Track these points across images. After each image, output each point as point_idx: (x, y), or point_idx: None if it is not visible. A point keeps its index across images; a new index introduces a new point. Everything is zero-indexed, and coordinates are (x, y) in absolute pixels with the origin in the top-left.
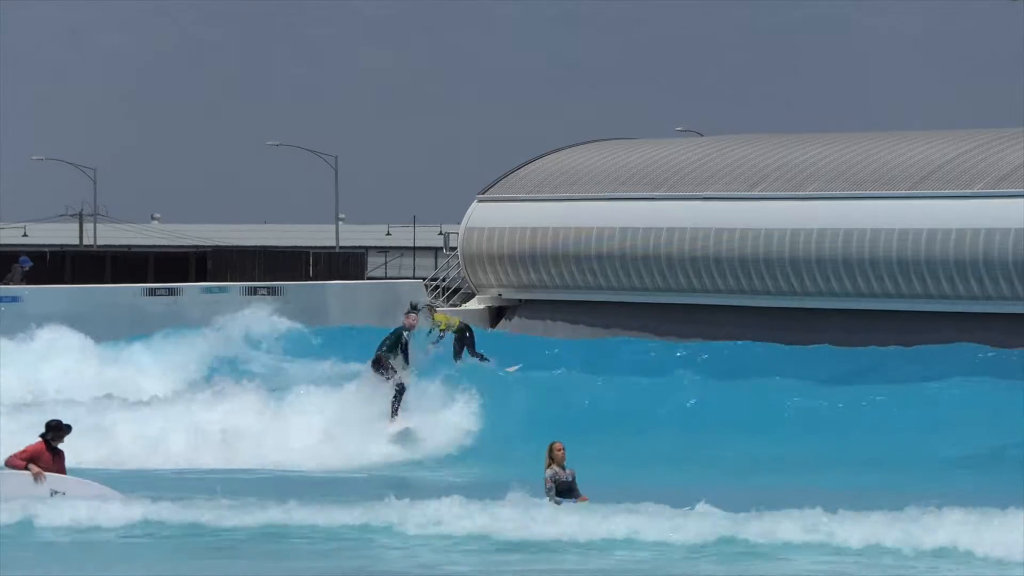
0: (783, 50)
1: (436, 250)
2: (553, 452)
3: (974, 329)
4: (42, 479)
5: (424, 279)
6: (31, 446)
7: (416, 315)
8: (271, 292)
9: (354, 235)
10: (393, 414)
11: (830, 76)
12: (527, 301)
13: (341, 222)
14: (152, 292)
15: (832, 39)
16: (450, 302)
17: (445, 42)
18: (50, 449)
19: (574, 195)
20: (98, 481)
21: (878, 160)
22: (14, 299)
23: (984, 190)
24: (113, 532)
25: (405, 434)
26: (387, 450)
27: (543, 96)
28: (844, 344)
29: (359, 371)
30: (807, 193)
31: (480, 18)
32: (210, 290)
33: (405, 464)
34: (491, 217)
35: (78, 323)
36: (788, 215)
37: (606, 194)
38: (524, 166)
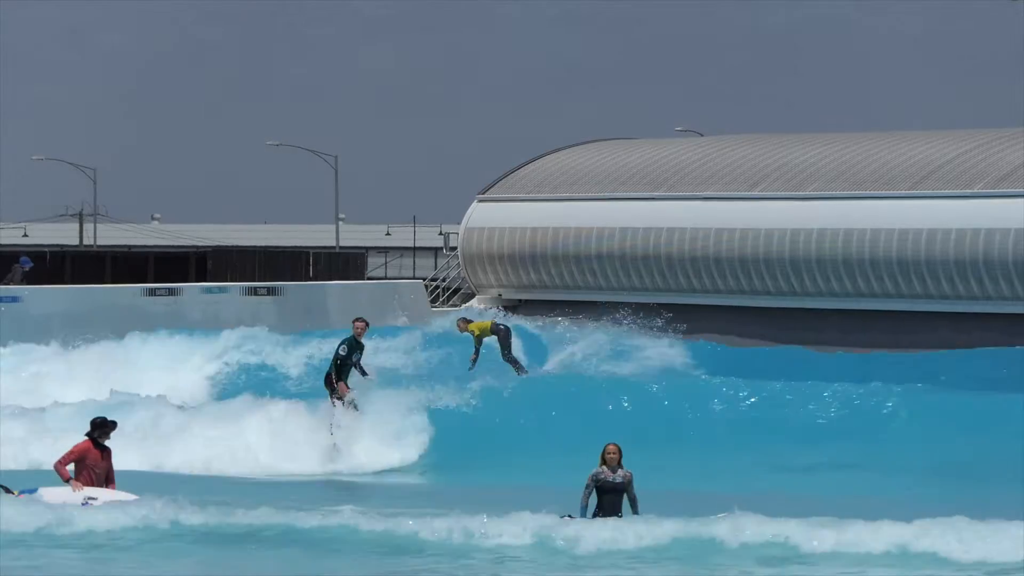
0: (783, 50)
1: (436, 250)
2: (605, 453)
3: (973, 329)
4: (79, 489)
5: (424, 279)
6: (78, 445)
7: (365, 323)
8: (271, 292)
9: (354, 235)
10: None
11: (830, 76)
12: (527, 301)
13: (341, 222)
14: (152, 292)
15: (832, 39)
16: (450, 302)
17: (445, 42)
18: (97, 447)
19: (574, 195)
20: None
21: (878, 160)
22: (14, 299)
23: (984, 190)
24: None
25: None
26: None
27: (543, 96)
28: (843, 343)
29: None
30: (807, 193)
31: (480, 18)
32: (210, 290)
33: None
34: (491, 217)
35: (81, 323)
36: (788, 215)
37: (606, 194)
38: (524, 166)
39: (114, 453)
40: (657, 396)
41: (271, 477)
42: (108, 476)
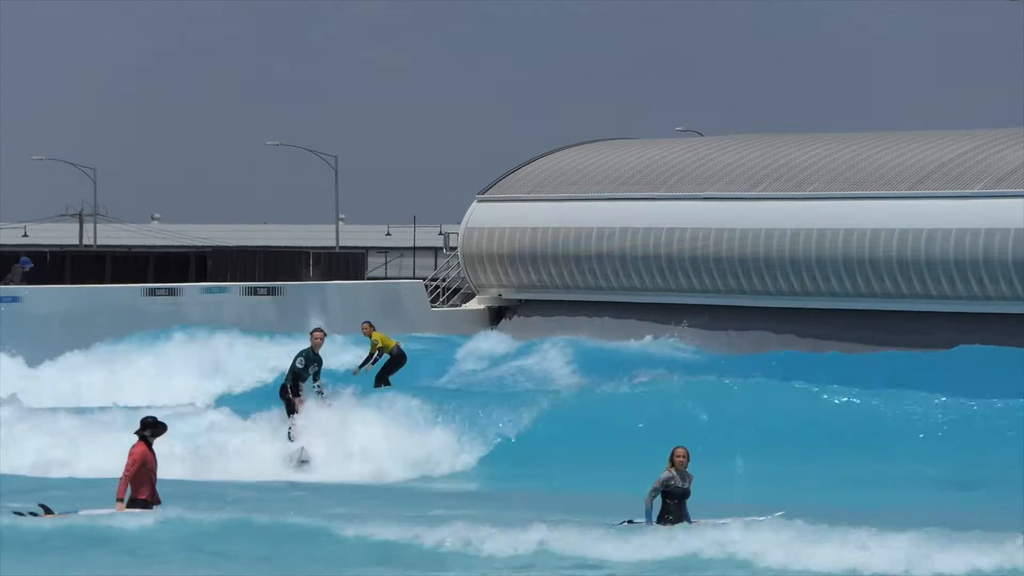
0: (783, 50)
1: (436, 250)
2: (674, 456)
3: (973, 330)
4: (120, 510)
5: (424, 279)
6: (136, 450)
7: (323, 334)
8: (271, 292)
9: (354, 235)
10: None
11: (830, 76)
12: (527, 301)
13: (341, 222)
14: (152, 292)
15: (832, 39)
16: (450, 302)
17: (445, 42)
18: (150, 449)
19: (574, 195)
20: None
21: (878, 160)
22: (14, 299)
23: (984, 190)
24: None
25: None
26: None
27: (543, 96)
28: (842, 342)
29: None
30: (807, 193)
31: (480, 18)
32: (210, 290)
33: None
34: (491, 217)
35: (80, 323)
36: (788, 215)
37: (606, 194)
38: (524, 166)
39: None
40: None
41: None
42: (154, 480)
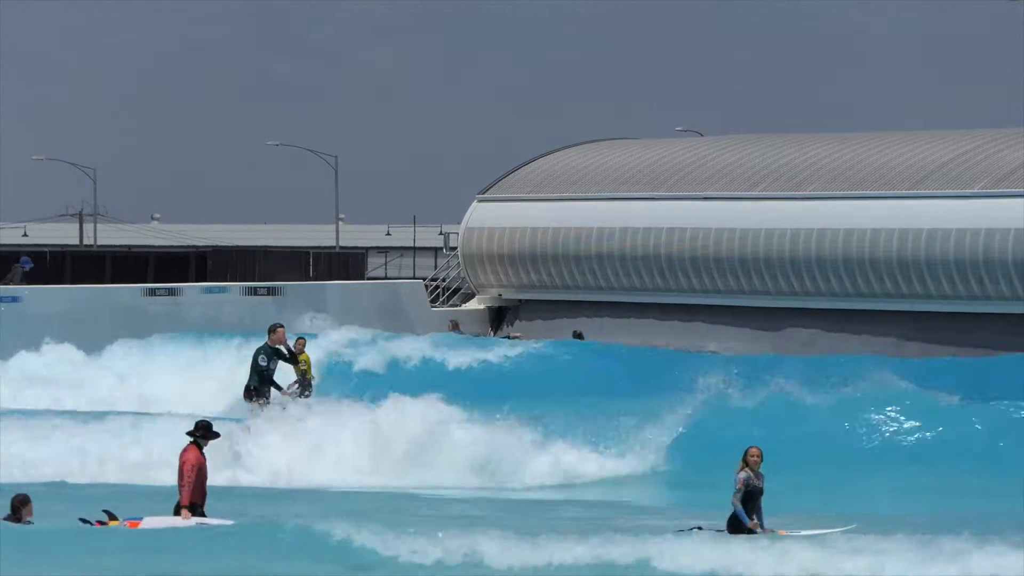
0: (783, 50)
1: (436, 250)
2: (748, 456)
3: (973, 330)
4: (189, 518)
5: (424, 279)
6: (191, 455)
7: (283, 330)
8: (271, 292)
9: (354, 235)
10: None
11: (830, 76)
12: (527, 301)
13: (341, 222)
14: (152, 292)
15: (832, 39)
16: (450, 302)
17: (445, 42)
18: (202, 453)
19: (574, 195)
20: None
21: (878, 160)
22: (14, 299)
23: (984, 190)
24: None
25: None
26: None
27: (543, 96)
28: (842, 343)
29: None
30: (807, 193)
31: (480, 18)
32: (210, 290)
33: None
34: (491, 217)
35: (80, 323)
36: (788, 215)
37: (606, 194)
38: (524, 166)
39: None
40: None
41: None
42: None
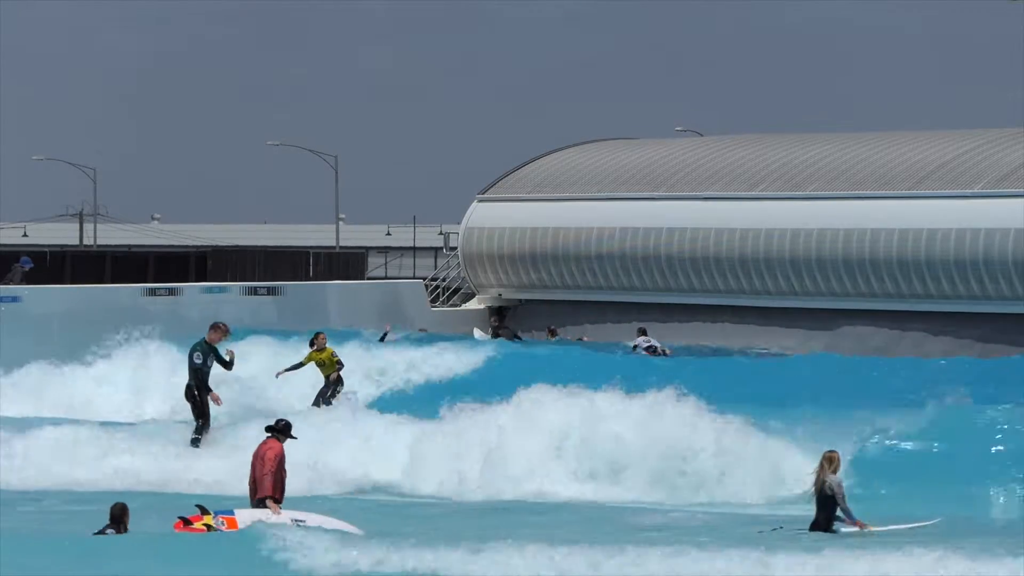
0: (783, 50)
1: (436, 250)
2: (835, 460)
3: (974, 329)
4: (278, 512)
5: (424, 279)
6: (275, 449)
7: (225, 327)
8: (271, 292)
9: (354, 235)
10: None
11: (830, 76)
12: (527, 301)
13: (341, 222)
14: (152, 292)
15: (832, 39)
16: (450, 302)
17: (445, 42)
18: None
19: (574, 195)
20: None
21: (878, 160)
22: (14, 299)
23: (984, 190)
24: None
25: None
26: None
27: (543, 96)
28: (839, 343)
29: None
30: (807, 193)
31: (480, 18)
32: (210, 290)
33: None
34: (491, 217)
35: (79, 323)
36: (788, 215)
37: (606, 194)
38: (524, 166)
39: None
40: None
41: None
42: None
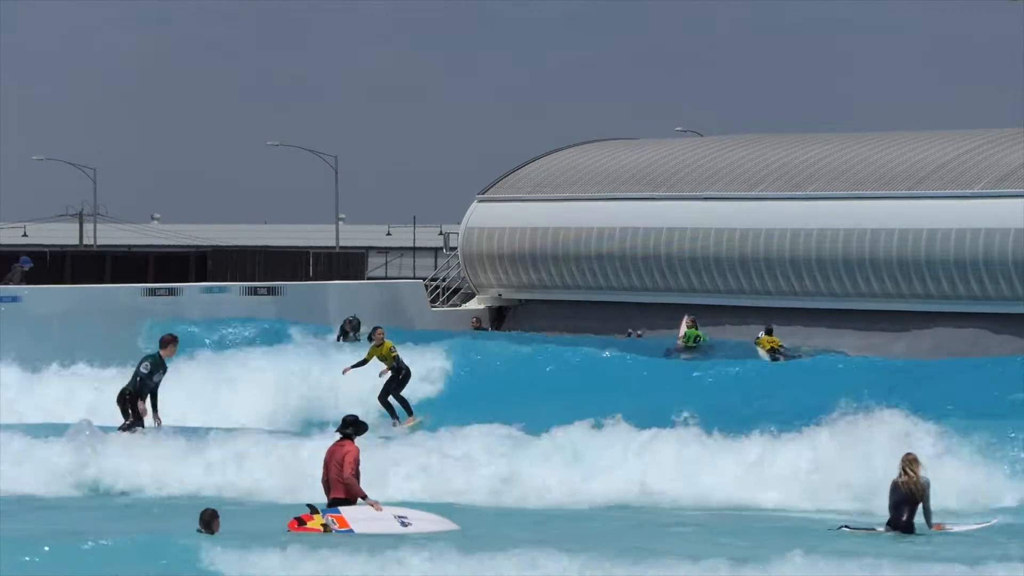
0: (783, 50)
1: (436, 250)
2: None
3: (973, 329)
4: (380, 510)
5: (424, 279)
6: (355, 453)
7: (177, 340)
8: (271, 292)
9: (354, 235)
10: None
11: (830, 76)
12: (527, 301)
13: (341, 222)
14: (152, 292)
15: (832, 39)
16: (450, 302)
17: (445, 42)
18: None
19: (574, 195)
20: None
21: (878, 160)
22: (14, 299)
23: (984, 190)
24: None
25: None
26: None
27: (543, 96)
28: (839, 343)
29: None
30: (807, 193)
31: (480, 18)
32: (210, 290)
33: None
34: (491, 217)
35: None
36: (788, 215)
37: (606, 194)
38: (524, 166)
39: None
40: None
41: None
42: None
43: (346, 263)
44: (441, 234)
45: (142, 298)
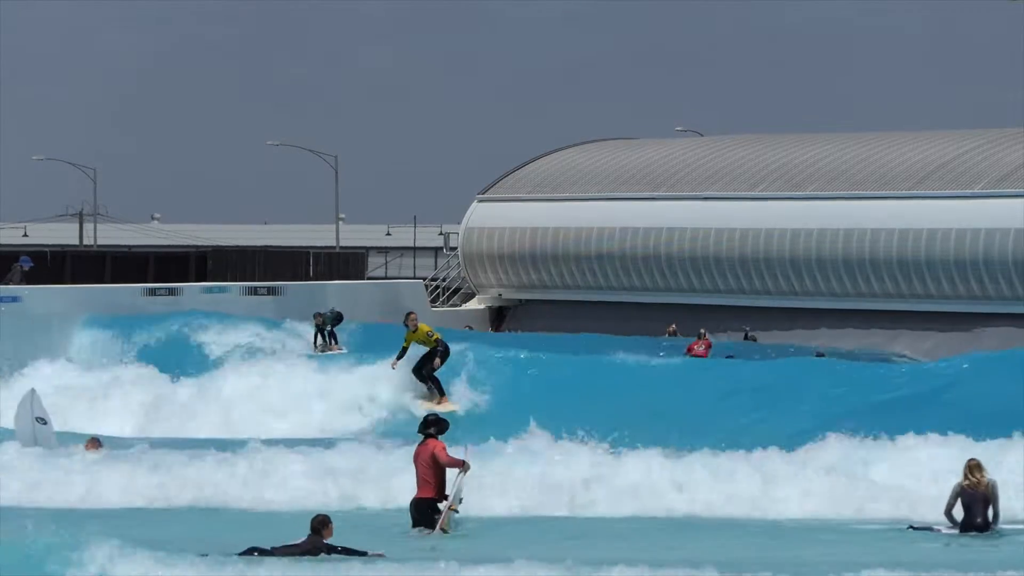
0: (783, 50)
1: (436, 250)
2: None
3: (973, 329)
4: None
5: (424, 279)
6: (438, 446)
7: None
8: (271, 292)
9: (354, 235)
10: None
11: (830, 76)
12: (527, 301)
13: (341, 222)
14: (152, 292)
15: (832, 39)
16: (450, 302)
17: (445, 42)
18: None
19: (574, 195)
20: None
21: (878, 160)
22: (14, 299)
23: (984, 190)
24: None
25: None
26: None
27: (543, 96)
28: (839, 343)
29: None
30: (807, 193)
31: (480, 18)
32: (210, 290)
33: None
34: (491, 217)
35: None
36: (788, 215)
37: (606, 194)
38: (524, 166)
39: None
40: None
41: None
42: None
43: (346, 263)
44: (441, 234)
45: (142, 298)
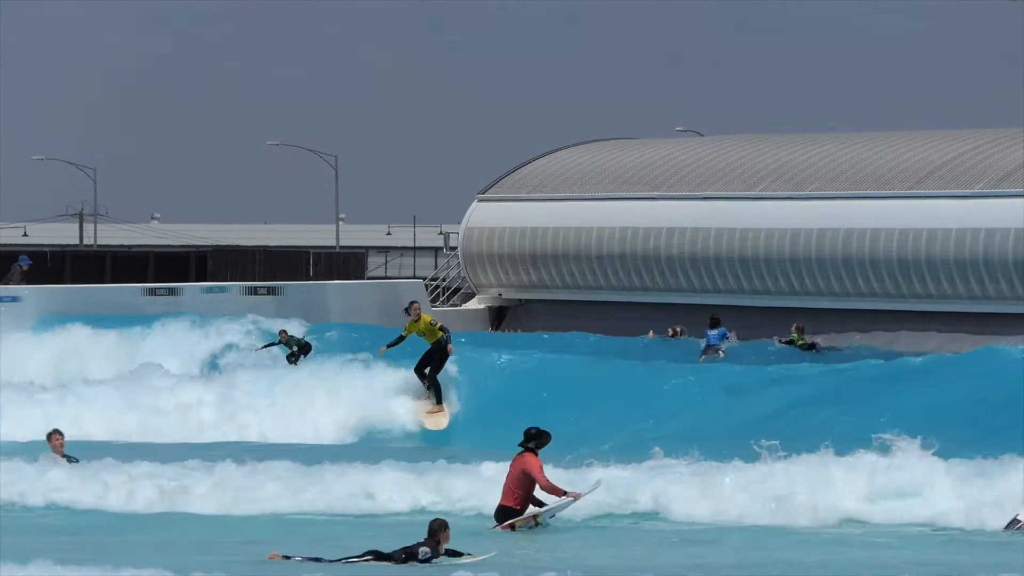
0: (783, 50)
1: (436, 250)
2: None
3: (973, 329)
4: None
5: (424, 279)
6: (535, 464)
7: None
8: (271, 292)
9: (354, 235)
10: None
11: (830, 76)
12: (527, 301)
13: (341, 222)
14: (152, 292)
15: (832, 39)
16: (450, 302)
17: (445, 42)
18: None
19: (574, 195)
20: None
21: (878, 160)
22: (14, 299)
23: (984, 190)
24: None
25: None
26: None
27: (544, 96)
28: (839, 342)
29: None
30: (807, 193)
31: (480, 18)
32: (210, 290)
33: None
34: (491, 217)
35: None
36: (788, 215)
37: (606, 194)
38: (524, 166)
39: None
40: None
41: None
42: None
43: (346, 263)
44: (441, 234)
45: (142, 298)
